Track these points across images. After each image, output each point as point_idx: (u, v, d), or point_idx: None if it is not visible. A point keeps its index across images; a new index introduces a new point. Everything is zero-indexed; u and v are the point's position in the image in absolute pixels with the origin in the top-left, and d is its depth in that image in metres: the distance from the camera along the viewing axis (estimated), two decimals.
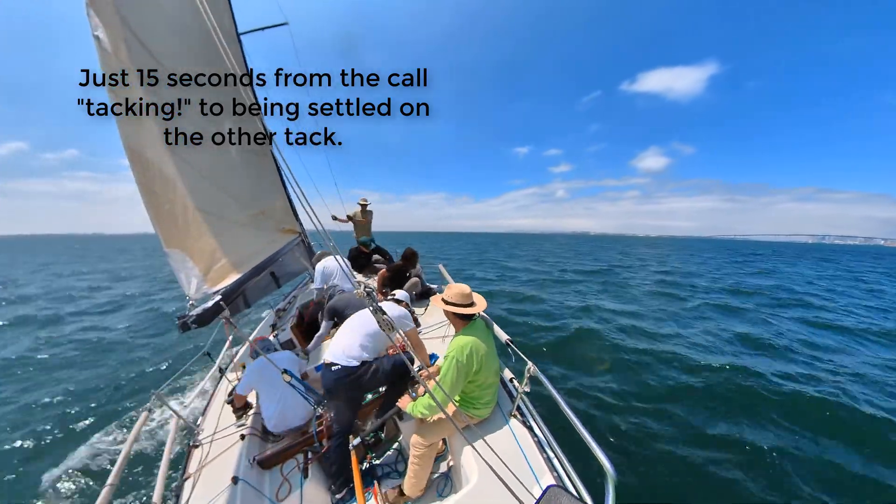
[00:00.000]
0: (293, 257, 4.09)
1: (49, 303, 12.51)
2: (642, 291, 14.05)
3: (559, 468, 1.91)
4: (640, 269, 23.71)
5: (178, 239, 2.63)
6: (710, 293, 13.84)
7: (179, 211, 2.63)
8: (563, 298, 12.03)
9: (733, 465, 3.80)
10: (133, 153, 2.37)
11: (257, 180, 3.48)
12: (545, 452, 1.99)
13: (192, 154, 2.70)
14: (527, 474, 1.86)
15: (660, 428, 4.44)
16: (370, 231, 7.13)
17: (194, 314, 2.43)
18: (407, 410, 2.15)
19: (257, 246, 3.33)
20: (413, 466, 2.10)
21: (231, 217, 3.09)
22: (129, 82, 2.24)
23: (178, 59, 2.62)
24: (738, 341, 7.74)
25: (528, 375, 2.16)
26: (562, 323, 8.82)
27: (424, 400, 2.06)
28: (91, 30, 2.09)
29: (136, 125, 2.33)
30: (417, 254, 4.86)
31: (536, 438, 2.09)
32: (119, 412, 4.80)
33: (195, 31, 2.66)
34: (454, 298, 2.18)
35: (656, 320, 9.50)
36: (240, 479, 2.06)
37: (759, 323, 9.46)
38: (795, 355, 6.99)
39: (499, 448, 1.89)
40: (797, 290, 15.21)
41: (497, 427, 2.21)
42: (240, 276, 3.00)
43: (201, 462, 2.23)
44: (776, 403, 4.97)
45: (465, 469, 2.07)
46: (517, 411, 2.28)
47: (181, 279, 2.68)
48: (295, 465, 2.28)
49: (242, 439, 2.39)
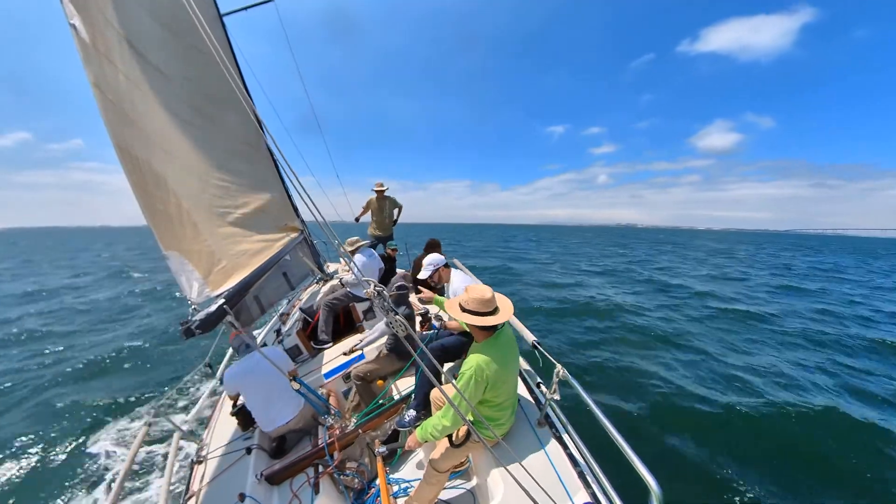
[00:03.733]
0: (297, 257, 4.01)
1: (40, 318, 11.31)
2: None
3: (594, 483, 1.78)
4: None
5: (176, 241, 2.57)
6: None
7: (174, 211, 2.57)
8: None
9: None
10: (122, 151, 2.30)
11: (250, 175, 3.40)
12: (578, 466, 1.86)
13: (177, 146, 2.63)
14: (558, 490, 1.74)
15: (712, 445, 4.17)
16: (388, 226, 5.92)
17: (197, 319, 2.38)
18: (418, 437, 2.01)
19: (258, 245, 3.26)
20: (424, 486, 1.99)
21: (227, 216, 3.03)
22: (109, 73, 2.16)
23: (160, 46, 2.54)
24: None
25: (556, 380, 2.02)
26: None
27: (434, 421, 1.92)
28: (66, 18, 2.01)
29: (121, 120, 2.26)
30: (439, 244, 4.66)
31: (568, 450, 1.95)
32: (116, 427, 4.60)
33: (175, 13, 2.57)
34: (471, 305, 1.93)
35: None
36: (247, 496, 2.00)
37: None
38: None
39: (526, 461, 1.78)
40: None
41: (523, 437, 2.09)
42: (243, 278, 2.94)
43: (206, 479, 2.19)
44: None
45: (489, 484, 1.95)
46: (545, 420, 2.14)
47: (182, 283, 2.63)
48: (305, 480, 2.21)
49: (248, 453, 2.34)
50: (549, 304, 10.91)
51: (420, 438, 1.99)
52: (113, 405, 5.14)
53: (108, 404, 5.17)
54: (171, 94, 2.63)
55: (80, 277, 18.39)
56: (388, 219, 5.94)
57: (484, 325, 1.90)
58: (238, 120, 3.31)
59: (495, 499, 1.81)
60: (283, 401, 2.55)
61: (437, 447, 2.03)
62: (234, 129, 3.28)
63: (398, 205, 6.02)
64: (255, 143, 3.57)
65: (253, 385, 2.50)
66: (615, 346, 7.45)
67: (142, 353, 7.58)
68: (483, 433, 1.94)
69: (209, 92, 2.99)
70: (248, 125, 3.42)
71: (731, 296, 13.22)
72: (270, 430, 2.48)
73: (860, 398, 5.49)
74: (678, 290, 13.93)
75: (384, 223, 5.91)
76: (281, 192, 3.98)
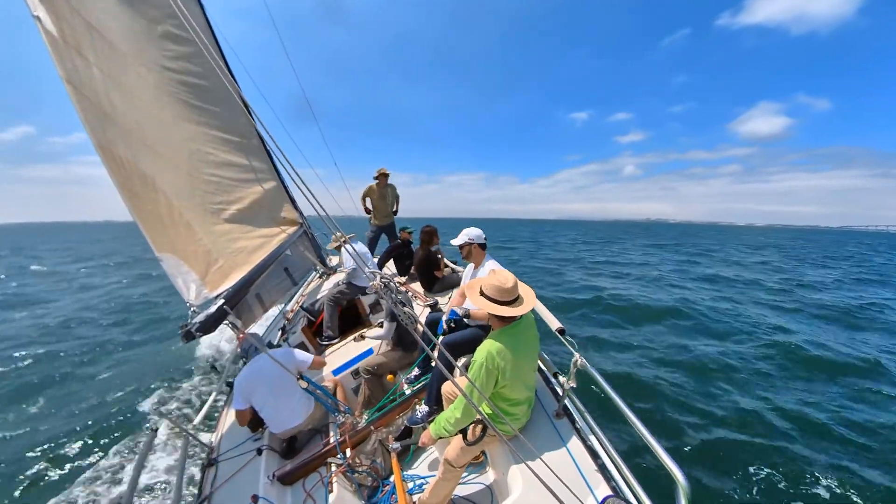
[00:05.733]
0: (298, 251, 3.96)
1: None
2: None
3: (617, 476, 1.73)
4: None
5: (169, 242, 2.53)
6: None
7: (164, 211, 2.51)
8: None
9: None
10: (105, 152, 2.23)
11: (243, 168, 3.31)
12: (599, 458, 1.81)
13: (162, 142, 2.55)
14: (579, 484, 1.70)
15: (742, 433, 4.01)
16: (391, 214, 5.74)
17: (197, 322, 2.36)
18: (432, 433, 1.97)
19: (256, 241, 3.21)
20: (439, 482, 1.96)
21: (221, 212, 2.97)
22: (82, 67, 2.06)
23: (132, 33, 2.42)
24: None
25: (574, 369, 1.95)
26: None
27: (447, 414, 1.87)
28: (30, 10, 1.90)
29: (100, 119, 2.18)
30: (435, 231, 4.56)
31: (588, 442, 1.90)
32: (122, 432, 4.47)
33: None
34: (489, 291, 1.83)
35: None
36: (260, 497, 2.00)
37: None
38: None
39: (544, 454, 1.73)
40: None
41: (541, 430, 2.04)
42: (242, 277, 2.90)
43: (217, 482, 2.20)
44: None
45: (507, 479, 1.92)
46: (563, 411, 2.09)
47: (178, 285, 2.60)
48: (318, 480, 2.21)
49: (259, 454, 2.35)
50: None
51: (434, 434, 1.95)
52: (122, 408, 5.10)
53: (117, 406, 5.13)
54: (151, 86, 2.54)
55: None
56: (390, 207, 5.86)
57: (500, 316, 1.84)
58: (226, 109, 3.20)
59: (514, 494, 1.77)
60: (295, 402, 2.53)
61: (452, 443, 2.00)
62: (222, 120, 3.17)
63: (397, 195, 5.94)
64: (246, 134, 3.46)
65: (264, 388, 2.48)
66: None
67: (147, 352, 7.47)
68: (499, 426, 1.90)
69: (192, 81, 2.87)
70: (237, 114, 3.31)
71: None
72: (281, 432, 2.48)
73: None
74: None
75: (387, 211, 5.82)
76: (277, 184, 3.90)
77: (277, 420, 2.49)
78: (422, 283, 4.51)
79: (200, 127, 2.90)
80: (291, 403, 2.52)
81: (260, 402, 2.48)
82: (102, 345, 8.05)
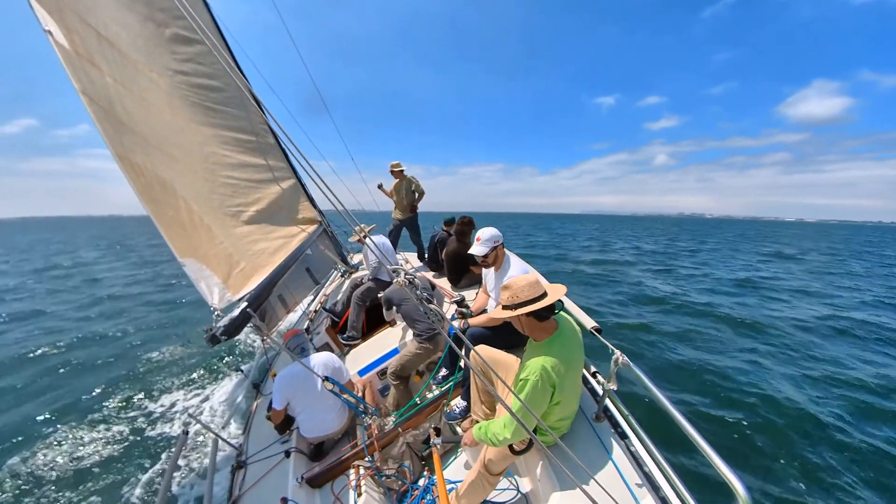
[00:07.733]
0: (319, 251, 3.99)
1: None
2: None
3: (665, 486, 1.60)
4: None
5: (190, 247, 2.58)
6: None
7: (185, 216, 2.56)
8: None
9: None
10: (124, 161, 2.28)
11: (259, 168, 3.34)
12: (645, 466, 1.68)
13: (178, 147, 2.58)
14: (623, 494, 1.58)
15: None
16: (407, 207, 5.80)
17: (221, 325, 2.40)
18: (475, 436, 1.88)
19: (277, 242, 3.25)
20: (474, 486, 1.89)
21: (240, 214, 3.01)
22: (95, 77, 2.10)
23: (142, 39, 2.45)
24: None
25: (615, 368, 1.81)
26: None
27: (495, 429, 1.76)
28: (41, 26, 1.95)
29: (117, 128, 2.22)
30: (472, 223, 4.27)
31: (632, 448, 1.77)
32: (150, 434, 4.44)
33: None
34: (525, 294, 1.68)
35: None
36: (289, 499, 2.02)
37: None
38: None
39: (584, 461, 1.62)
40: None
41: (580, 434, 1.92)
42: (264, 278, 2.94)
43: (247, 484, 2.24)
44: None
45: (543, 488, 1.83)
46: (604, 413, 1.96)
47: (202, 289, 2.65)
48: (346, 483, 2.21)
49: (287, 457, 2.38)
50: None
51: (476, 438, 1.88)
52: (150, 410, 5.03)
53: (146, 407, 5.08)
54: (163, 91, 2.58)
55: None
56: (407, 199, 5.87)
57: (541, 312, 1.68)
58: (239, 108, 3.23)
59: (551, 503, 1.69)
60: (333, 412, 2.56)
61: (493, 449, 1.92)
62: (235, 119, 3.21)
63: (421, 189, 5.91)
64: (260, 132, 3.49)
65: (306, 393, 2.50)
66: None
67: (177, 355, 7.21)
68: (542, 438, 1.80)
69: (203, 82, 2.91)
70: (250, 112, 3.33)
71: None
72: (312, 438, 2.50)
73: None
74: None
75: (402, 204, 5.87)
76: (294, 182, 3.93)
77: (311, 425, 2.51)
78: (449, 276, 4.44)
79: (214, 129, 2.93)
80: (330, 413, 2.56)
81: (299, 406, 2.50)
82: (131, 348, 7.69)
